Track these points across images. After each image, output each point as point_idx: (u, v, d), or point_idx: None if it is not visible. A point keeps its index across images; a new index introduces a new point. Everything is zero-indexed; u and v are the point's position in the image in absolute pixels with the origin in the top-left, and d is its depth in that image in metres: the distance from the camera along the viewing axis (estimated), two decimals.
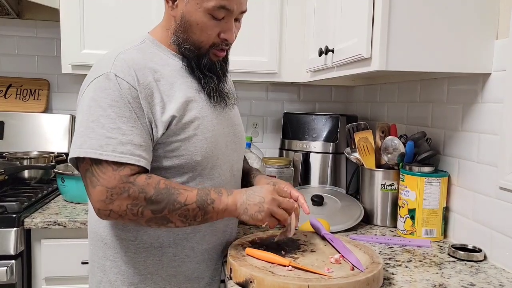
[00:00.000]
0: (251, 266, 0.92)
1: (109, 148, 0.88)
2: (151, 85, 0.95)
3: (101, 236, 1.03)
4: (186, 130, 0.97)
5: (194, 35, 0.99)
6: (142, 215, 0.90)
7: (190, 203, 0.92)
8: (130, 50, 0.99)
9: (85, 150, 0.89)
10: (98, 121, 0.90)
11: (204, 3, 0.96)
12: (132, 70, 0.94)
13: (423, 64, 1.10)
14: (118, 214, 0.90)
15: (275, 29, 1.75)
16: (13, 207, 1.38)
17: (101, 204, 0.89)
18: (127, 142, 0.90)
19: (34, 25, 2.04)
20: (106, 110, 0.90)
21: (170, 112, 0.95)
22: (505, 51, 1.09)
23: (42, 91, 2.06)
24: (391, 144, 1.40)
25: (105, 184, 0.88)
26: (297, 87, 2.19)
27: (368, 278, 0.88)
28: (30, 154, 1.90)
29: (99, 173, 0.89)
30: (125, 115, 0.91)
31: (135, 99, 0.92)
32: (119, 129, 0.90)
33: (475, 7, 1.10)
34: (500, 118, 1.10)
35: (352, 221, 1.39)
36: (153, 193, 0.90)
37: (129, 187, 0.89)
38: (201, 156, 0.99)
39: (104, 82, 0.92)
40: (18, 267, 1.37)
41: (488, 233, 1.16)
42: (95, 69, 0.97)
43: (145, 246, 1.00)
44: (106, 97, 0.91)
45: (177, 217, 0.92)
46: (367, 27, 1.10)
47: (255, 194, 0.97)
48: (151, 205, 0.90)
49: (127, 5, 1.68)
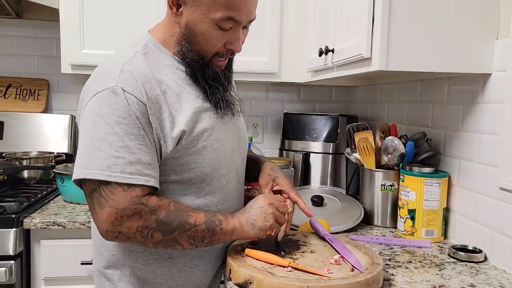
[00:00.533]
0: (250, 267, 0.91)
1: (117, 169, 0.84)
2: (159, 98, 0.90)
3: (108, 246, 1.00)
4: (196, 143, 0.94)
5: (199, 45, 0.94)
6: (151, 237, 0.87)
7: (200, 224, 0.90)
8: (134, 59, 0.93)
9: (92, 171, 0.84)
10: (105, 139, 0.85)
11: (211, 14, 0.90)
12: (140, 84, 0.88)
13: (423, 64, 1.10)
14: (127, 236, 0.86)
15: (275, 29, 1.75)
16: (12, 207, 1.38)
17: (110, 226, 0.85)
18: (135, 161, 0.85)
19: (33, 25, 2.04)
20: (113, 127, 0.85)
21: (179, 126, 0.91)
22: (506, 51, 1.08)
23: (41, 91, 2.06)
24: (391, 144, 1.40)
25: (114, 206, 0.84)
26: (297, 87, 2.19)
27: (368, 279, 0.87)
28: (29, 154, 1.89)
29: (108, 194, 0.84)
30: (133, 133, 0.86)
31: (143, 114, 0.87)
32: (127, 147, 0.85)
33: (475, 7, 1.10)
34: (501, 118, 1.10)
35: (352, 221, 1.39)
36: (164, 215, 0.87)
37: (141, 209, 0.85)
38: (210, 167, 0.97)
39: (111, 97, 0.86)
40: (17, 268, 1.36)
41: (489, 234, 1.15)
42: (99, 79, 0.91)
43: (155, 258, 0.98)
44: (113, 113, 0.85)
45: (186, 238, 0.90)
46: (367, 27, 1.10)
47: (253, 208, 0.99)
48: (162, 226, 0.87)
49: (127, 5, 1.68)
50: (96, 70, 0.95)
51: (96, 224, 0.87)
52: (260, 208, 0.98)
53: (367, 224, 1.46)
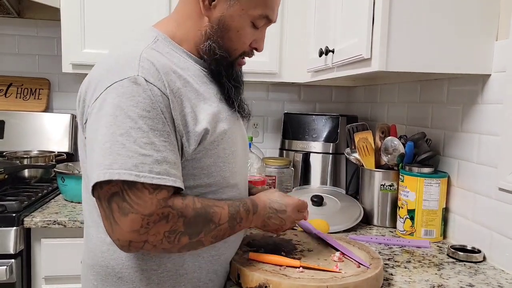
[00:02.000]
0: (262, 270, 0.89)
1: (145, 168, 0.74)
2: (180, 92, 0.83)
3: (113, 269, 0.88)
4: (217, 144, 0.88)
5: (230, 41, 0.91)
6: (178, 241, 0.80)
7: (224, 222, 0.85)
8: (149, 50, 0.84)
9: (118, 171, 0.73)
10: (128, 134, 0.75)
11: (250, 10, 0.88)
12: (162, 74, 0.80)
13: (423, 65, 1.10)
14: (153, 244, 0.77)
15: (276, 30, 1.75)
16: (13, 206, 1.38)
17: (135, 235, 0.75)
18: (162, 160, 0.77)
19: (34, 25, 2.04)
20: (137, 121, 0.75)
21: (203, 124, 0.84)
22: (505, 52, 1.09)
23: (42, 90, 2.06)
24: (391, 144, 1.40)
25: (141, 211, 0.74)
26: (297, 87, 2.19)
27: (377, 274, 0.89)
28: (30, 153, 1.90)
29: (133, 198, 0.74)
30: (158, 128, 0.77)
31: (167, 108, 0.79)
32: (153, 144, 0.76)
33: (475, 8, 1.10)
34: (500, 119, 1.10)
35: (352, 221, 1.39)
36: (192, 215, 0.80)
37: (168, 212, 0.77)
38: (229, 171, 0.91)
39: (132, 87, 0.77)
40: (17, 266, 1.37)
41: (488, 234, 1.16)
42: (112, 70, 0.80)
43: (170, 274, 0.88)
44: (135, 106, 0.76)
45: (210, 238, 0.84)
46: (367, 27, 1.11)
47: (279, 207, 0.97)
48: (189, 229, 0.80)
49: (128, 4, 1.68)
50: (101, 63, 0.85)
51: (115, 235, 0.76)
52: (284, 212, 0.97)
53: (367, 224, 1.47)
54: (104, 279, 0.89)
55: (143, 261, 0.87)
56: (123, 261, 0.87)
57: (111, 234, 0.77)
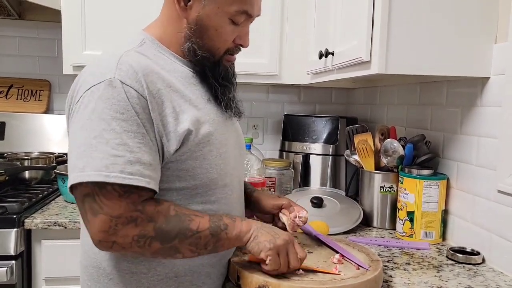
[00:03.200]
0: (261, 272, 0.88)
1: (116, 168, 0.76)
2: (161, 93, 0.83)
3: (104, 270, 0.89)
4: (202, 146, 0.87)
5: (210, 41, 0.90)
6: (149, 246, 0.80)
7: (203, 229, 0.83)
8: (132, 53, 0.86)
9: (89, 173, 0.76)
10: (101, 136, 0.76)
11: (225, 7, 0.87)
12: (140, 76, 0.81)
13: (422, 67, 1.11)
14: (122, 246, 0.78)
15: (276, 31, 1.76)
16: (13, 207, 1.38)
17: (103, 235, 0.77)
18: (135, 161, 0.77)
19: (35, 26, 2.05)
20: (110, 123, 0.77)
21: (185, 124, 0.84)
22: (504, 54, 1.09)
23: (43, 91, 2.06)
24: (391, 146, 1.41)
25: (109, 213, 0.76)
26: (297, 89, 2.20)
27: (376, 276, 0.89)
28: (31, 154, 1.90)
29: (103, 199, 0.76)
30: (132, 130, 0.78)
31: (144, 109, 0.80)
32: (126, 145, 0.77)
33: (474, 11, 1.11)
34: (499, 121, 1.11)
35: (351, 223, 1.39)
36: (163, 221, 0.80)
37: (137, 216, 0.78)
38: (217, 173, 0.90)
39: (107, 89, 0.78)
40: (18, 268, 1.37)
41: (487, 236, 1.16)
42: (93, 73, 0.83)
43: (160, 278, 0.88)
44: (109, 108, 0.78)
45: (187, 246, 0.82)
46: (366, 30, 1.11)
47: (272, 229, 0.90)
48: (160, 235, 0.80)
49: (128, 6, 1.69)
50: (89, 65, 0.87)
51: (89, 233, 0.79)
52: (275, 233, 0.87)
53: (366, 226, 1.47)
54: (97, 279, 0.90)
55: (133, 264, 0.87)
56: (113, 262, 0.88)
57: (88, 233, 0.80)
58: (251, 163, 1.66)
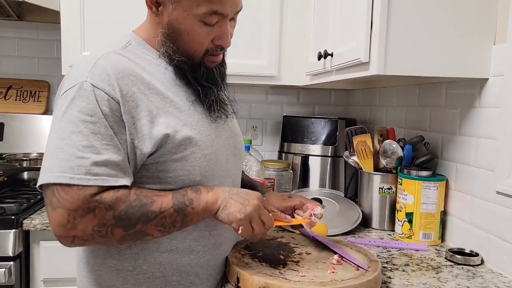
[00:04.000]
0: (262, 273, 0.89)
1: (81, 170, 0.77)
2: (136, 96, 0.83)
3: (93, 266, 0.91)
4: (183, 148, 0.86)
5: (185, 44, 0.88)
6: (112, 234, 0.80)
7: (167, 209, 0.82)
8: (112, 55, 0.86)
9: (54, 174, 0.77)
10: (68, 138, 0.78)
11: (193, 10, 0.84)
12: (113, 79, 0.82)
13: (421, 68, 1.11)
14: (83, 239, 0.79)
15: (275, 33, 1.76)
16: (12, 208, 1.38)
17: (62, 230, 0.77)
18: (102, 163, 0.78)
19: (34, 27, 2.05)
20: (78, 125, 0.78)
21: (161, 128, 0.84)
22: (503, 56, 1.09)
23: (42, 92, 2.07)
24: (389, 147, 1.41)
25: (67, 206, 0.77)
26: (296, 90, 2.20)
27: (376, 277, 0.89)
28: (29, 155, 1.90)
29: (61, 193, 0.77)
30: (99, 132, 0.79)
31: (114, 112, 0.81)
32: (93, 147, 0.78)
33: (473, 12, 1.11)
34: (498, 122, 1.11)
35: (350, 224, 1.39)
36: (122, 208, 0.79)
37: (95, 206, 0.78)
38: (201, 175, 0.89)
39: (78, 92, 0.80)
40: (16, 269, 1.37)
41: (486, 237, 1.16)
42: (69, 77, 0.84)
43: (146, 276, 0.89)
44: (79, 111, 0.79)
45: (154, 227, 0.82)
46: (365, 31, 1.11)
47: (240, 194, 0.89)
48: (121, 221, 0.80)
49: (127, 7, 1.69)
50: (71, 68, 0.89)
51: (52, 229, 0.80)
52: (244, 199, 0.87)
53: (365, 227, 1.47)
54: (87, 275, 0.93)
55: (119, 261, 0.89)
56: (100, 260, 0.90)
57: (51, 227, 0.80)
58: (250, 164, 1.66)
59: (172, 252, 0.90)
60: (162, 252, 0.90)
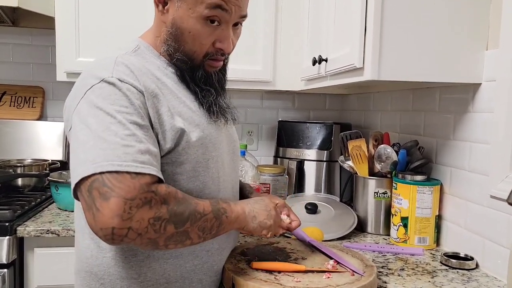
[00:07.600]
0: (257, 279, 0.89)
1: (128, 157, 0.74)
2: (156, 92, 0.84)
3: (96, 275, 0.89)
4: (195, 148, 0.87)
5: (186, 44, 0.89)
6: (165, 230, 0.76)
7: (208, 213, 0.83)
8: (126, 56, 0.88)
9: (101, 163, 0.72)
10: (108, 129, 0.75)
11: (197, 7, 0.85)
12: (136, 75, 0.83)
13: (414, 74, 1.12)
14: (138, 232, 0.73)
15: (270, 38, 1.77)
16: (5, 215, 1.37)
17: (118, 221, 0.70)
18: (145, 151, 0.76)
19: (29, 33, 2.05)
20: (116, 116, 0.76)
21: (179, 123, 0.85)
22: (495, 61, 1.10)
23: (36, 98, 2.06)
24: (384, 152, 1.41)
25: (123, 195, 0.71)
26: (291, 95, 2.21)
27: (371, 282, 0.89)
28: (24, 161, 1.89)
29: (114, 182, 0.72)
30: (137, 122, 0.78)
31: (144, 104, 0.81)
32: (135, 136, 0.76)
33: (465, 18, 1.12)
34: (491, 127, 1.12)
35: (346, 229, 1.39)
36: (174, 203, 0.78)
37: (151, 198, 0.74)
38: (211, 178, 0.91)
39: (108, 87, 0.79)
40: (10, 276, 1.36)
41: (480, 241, 1.16)
42: (90, 75, 0.83)
43: (150, 284, 0.88)
44: (112, 103, 0.77)
45: (197, 230, 0.81)
46: (359, 37, 1.12)
47: (258, 202, 0.96)
48: (174, 217, 0.77)
49: (123, 13, 1.69)
50: (84, 71, 0.87)
51: (97, 225, 0.71)
52: (265, 205, 0.96)
53: (361, 232, 1.47)
54: (88, 284, 0.90)
55: (124, 269, 0.87)
56: (104, 268, 0.88)
57: (93, 226, 0.72)
58: (246, 169, 1.66)
59: (177, 258, 0.90)
60: (168, 258, 0.89)
